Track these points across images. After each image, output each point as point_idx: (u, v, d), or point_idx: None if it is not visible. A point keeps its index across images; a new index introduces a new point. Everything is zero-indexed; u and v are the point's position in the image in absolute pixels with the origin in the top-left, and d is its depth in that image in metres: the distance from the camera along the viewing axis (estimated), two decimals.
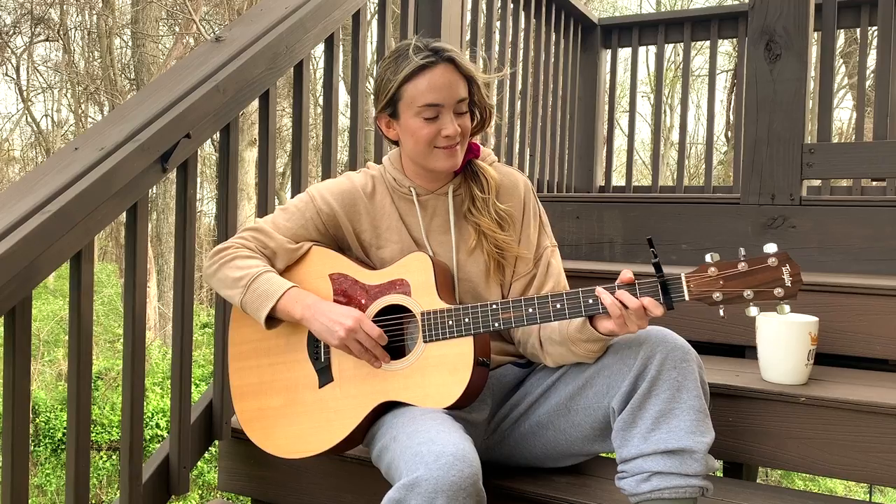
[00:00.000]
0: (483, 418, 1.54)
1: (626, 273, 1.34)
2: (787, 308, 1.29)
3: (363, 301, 1.50)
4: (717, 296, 1.30)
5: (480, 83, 1.51)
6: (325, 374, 1.51)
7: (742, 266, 1.29)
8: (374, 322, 1.47)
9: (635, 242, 2.60)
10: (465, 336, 1.41)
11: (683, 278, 1.31)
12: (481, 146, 1.63)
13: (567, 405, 1.48)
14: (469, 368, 1.39)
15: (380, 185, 1.61)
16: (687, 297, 1.31)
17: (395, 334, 1.50)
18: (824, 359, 1.88)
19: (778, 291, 1.28)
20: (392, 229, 1.57)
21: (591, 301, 1.35)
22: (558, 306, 1.37)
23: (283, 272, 1.57)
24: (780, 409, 1.64)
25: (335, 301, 1.51)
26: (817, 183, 3.65)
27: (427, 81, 1.44)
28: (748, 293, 1.29)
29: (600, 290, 1.34)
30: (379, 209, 1.59)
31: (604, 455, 1.67)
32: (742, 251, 1.32)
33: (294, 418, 1.52)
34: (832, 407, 1.60)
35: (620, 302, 1.32)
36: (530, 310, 1.39)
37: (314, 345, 1.53)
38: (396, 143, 1.58)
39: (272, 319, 1.50)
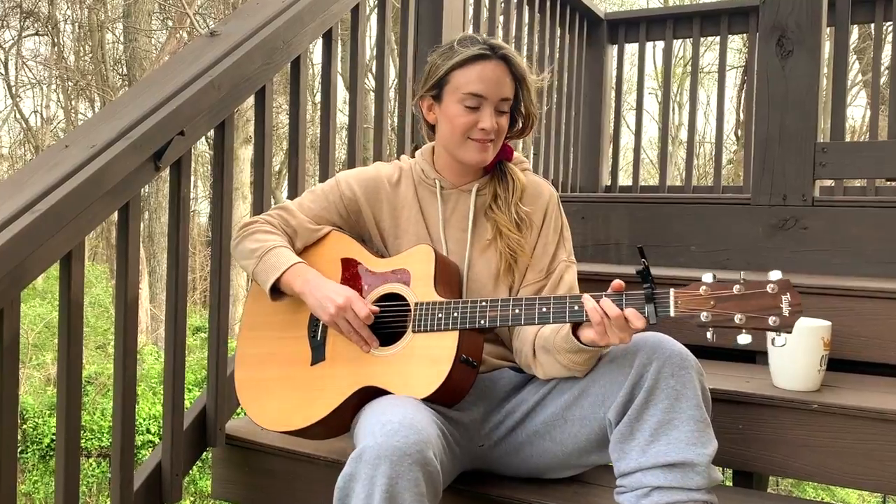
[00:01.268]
0: (473, 419, 1.55)
1: (617, 281, 1.34)
2: (780, 340, 1.23)
3: (366, 287, 1.56)
4: (704, 316, 1.26)
5: (532, 86, 1.57)
6: (318, 353, 1.56)
7: (737, 288, 1.25)
8: (376, 307, 1.51)
9: (642, 244, 2.59)
10: (452, 330, 1.44)
11: (672, 294, 1.29)
12: (514, 151, 1.67)
13: (563, 415, 1.48)
14: (450, 362, 1.41)
15: (406, 176, 1.67)
16: (672, 313, 1.29)
17: (395, 322, 1.52)
18: (837, 364, 1.88)
19: (773, 320, 1.22)
20: (411, 220, 1.62)
21: (576, 308, 1.36)
22: (544, 310, 1.39)
23: (302, 252, 1.64)
24: (792, 417, 1.64)
25: (342, 284, 1.56)
26: (830, 183, 3.65)
27: (477, 71, 1.51)
28: (739, 318, 1.24)
29: (585, 297, 1.34)
30: (401, 199, 1.64)
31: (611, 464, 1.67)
32: (742, 274, 1.28)
33: (284, 392, 1.57)
34: (845, 414, 1.59)
35: (603, 310, 1.31)
36: (516, 311, 1.41)
37: (314, 323, 1.59)
38: (433, 128, 1.64)
39: (277, 292, 1.56)
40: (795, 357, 1.68)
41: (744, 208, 2.42)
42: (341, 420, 1.52)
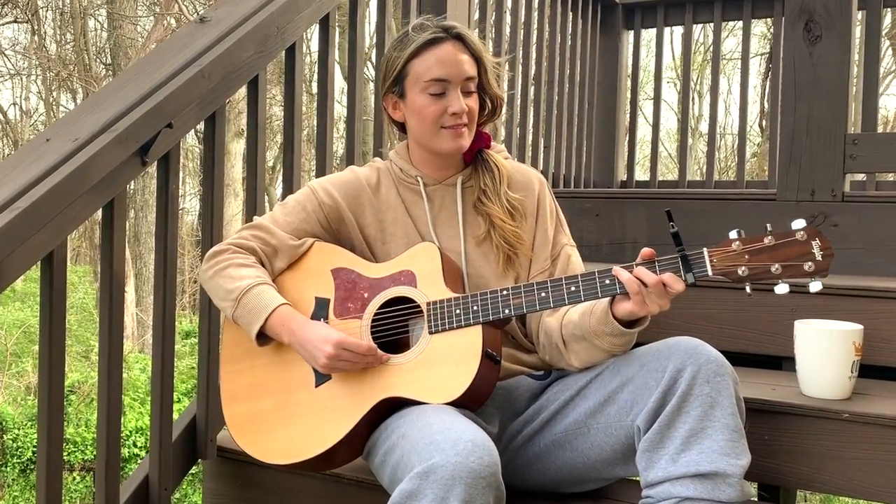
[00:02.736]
0: (491, 432, 1.53)
1: (646, 249, 1.39)
2: (817, 285, 1.31)
3: (366, 295, 1.54)
4: (742, 271, 1.34)
5: (489, 65, 1.59)
6: (322, 373, 1.53)
7: (768, 240, 1.34)
8: (378, 314, 1.52)
9: (661, 242, 2.58)
10: (474, 325, 1.44)
11: (706, 252, 1.36)
12: (493, 141, 1.68)
13: (586, 423, 1.48)
14: (477, 359, 1.41)
15: (385, 177, 1.67)
16: (710, 272, 1.35)
17: (401, 328, 1.52)
18: (870, 371, 1.87)
19: (808, 266, 1.31)
20: (398, 223, 1.62)
21: (607, 281, 1.39)
22: (573, 289, 1.41)
23: (285, 270, 1.62)
24: (821, 427, 1.64)
25: (337, 297, 1.56)
26: (861, 177, 3.64)
27: (435, 56, 1.53)
28: (776, 268, 1.32)
29: (617, 269, 1.38)
30: (384, 202, 1.64)
31: (630, 478, 1.66)
32: (768, 226, 1.35)
33: (287, 421, 1.53)
34: (878, 424, 1.59)
35: (639, 279, 1.35)
36: (543, 294, 1.43)
37: None
38: (402, 126, 1.65)
39: (264, 338, 1.54)
40: (825, 363, 1.68)
41: (769, 204, 2.41)
42: (359, 441, 1.50)
